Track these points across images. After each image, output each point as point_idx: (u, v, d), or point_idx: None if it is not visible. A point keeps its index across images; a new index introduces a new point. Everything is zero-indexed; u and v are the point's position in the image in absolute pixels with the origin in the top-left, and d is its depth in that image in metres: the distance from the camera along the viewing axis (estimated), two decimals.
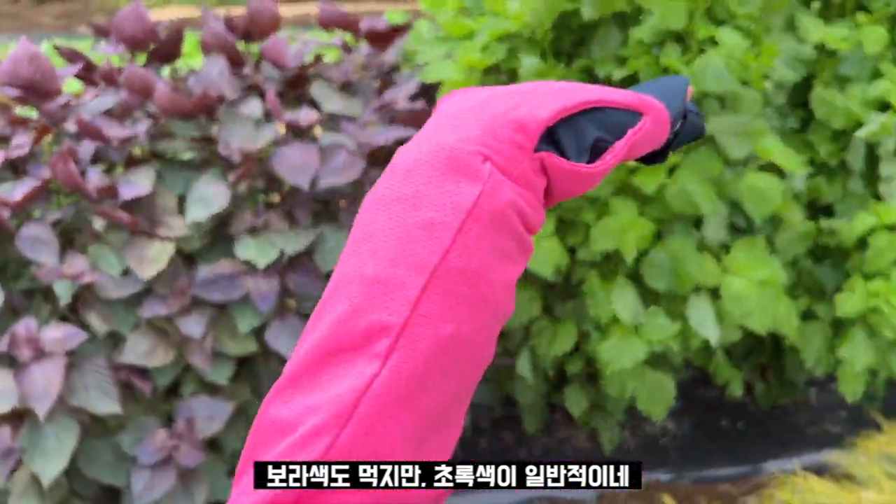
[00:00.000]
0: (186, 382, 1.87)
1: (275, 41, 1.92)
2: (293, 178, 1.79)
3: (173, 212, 1.86)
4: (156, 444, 1.76)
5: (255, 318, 1.81)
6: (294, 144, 1.83)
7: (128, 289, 1.76)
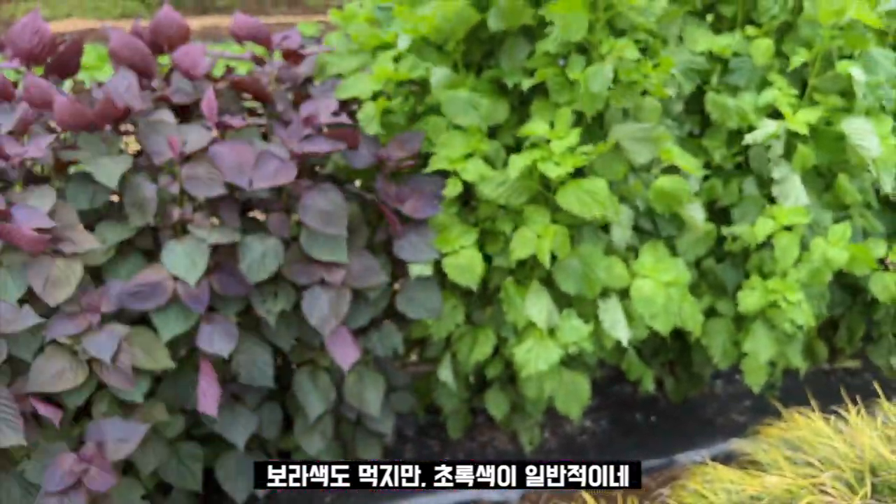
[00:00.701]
0: (99, 402, 1.80)
1: (188, 49, 1.89)
2: (232, 176, 1.79)
3: (75, 227, 1.79)
4: (63, 469, 1.69)
5: (181, 325, 1.78)
6: (228, 143, 1.82)
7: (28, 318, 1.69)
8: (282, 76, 2.10)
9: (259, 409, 2.09)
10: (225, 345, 1.83)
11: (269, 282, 1.92)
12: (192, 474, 2.01)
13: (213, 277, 1.85)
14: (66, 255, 1.74)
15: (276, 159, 1.82)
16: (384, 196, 1.96)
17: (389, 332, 2.10)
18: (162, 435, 1.92)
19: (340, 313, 1.91)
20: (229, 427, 1.99)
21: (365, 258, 1.97)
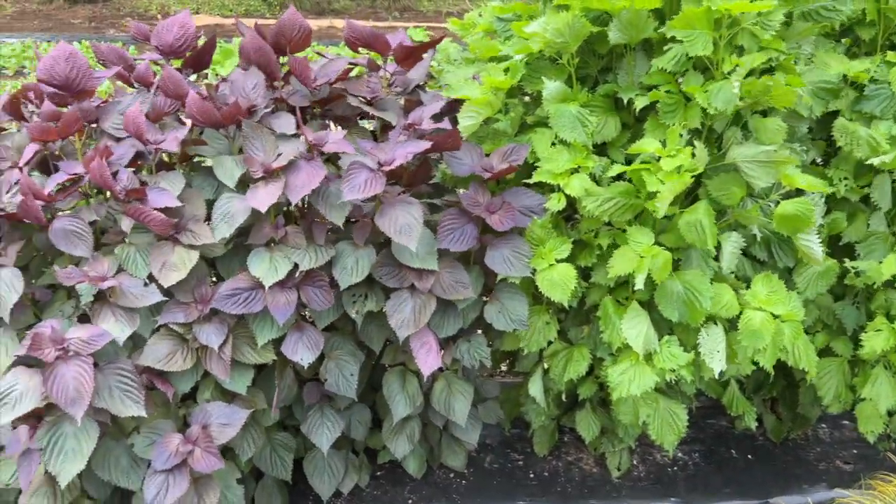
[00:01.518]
0: (204, 388, 1.88)
1: (299, 60, 1.95)
2: (289, 193, 1.80)
3: (200, 219, 1.88)
4: (170, 449, 1.77)
5: (273, 331, 1.83)
6: (309, 164, 1.84)
7: (150, 297, 1.78)
8: (394, 82, 2.14)
9: (349, 410, 2.13)
10: (307, 354, 1.87)
11: (364, 283, 1.95)
12: (284, 464, 2.07)
13: (304, 289, 1.88)
14: (184, 244, 1.83)
15: (365, 170, 1.82)
16: (470, 204, 1.94)
17: (478, 342, 2.09)
18: (260, 423, 1.99)
19: (421, 321, 1.91)
20: (316, 430, 2.04)
21: (456, 271, 1.96)
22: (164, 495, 1.72)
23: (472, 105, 1.95)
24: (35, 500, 1.79)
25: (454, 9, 13.52)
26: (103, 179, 1.76)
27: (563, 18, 1.91)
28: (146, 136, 1.86)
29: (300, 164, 1.84)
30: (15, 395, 1.67)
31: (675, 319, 1.93)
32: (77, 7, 12.51)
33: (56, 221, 1.78)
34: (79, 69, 1.91)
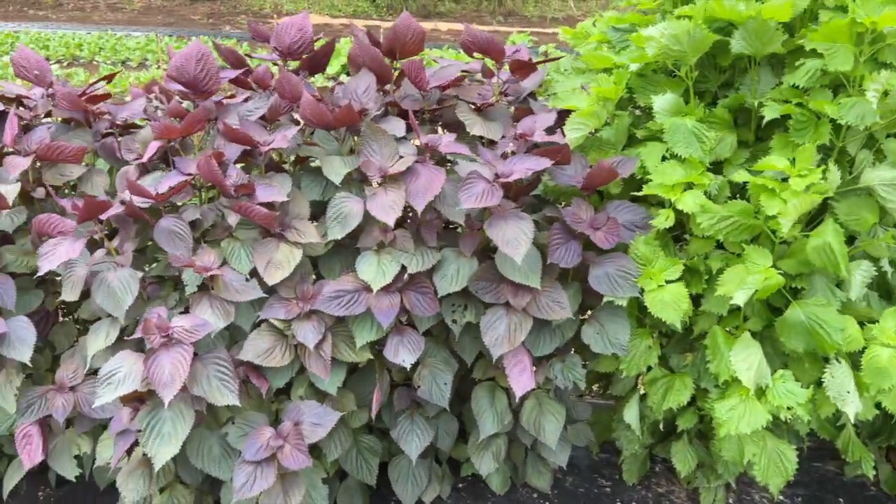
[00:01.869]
0: (298, 385, 1.90)
1: (415, 63, 1.94)
2: (412, 200, 1.79)
3: (304, 218, 1.90)
4: (261, 442, 1.79)
5: (373, 333, 1.83)
6: (425, 167, 1.83)
7: (251, 292, 1.81)
8: (506, 90, 2.10)
9: (437, 419, 2.11)
10: (409, 356, 1.85)
11: (462, 294, 1.92)
12: (369, 468, 2.06)
13: (407, 294, 1.87)
14: (289, 242, 1.85)
15: (483, 181, 1.78)
16: (573, 220, 1.87)
17: (573, 363, 2.02)
18: (348, 424, 1.99)
19: (516, 339, 1.86)
20: (405, 436, 2.02)
21: (554, 289, 1.89)
22: (250, 486, 1.75)
23: (580, 117, 1.89)
24: (132, 480, 1.86)
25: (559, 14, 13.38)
26: (215, 178, 1.80)
27: (682, 25, 1.82)
28: (255, 140, 1.90)
29: (417, 168, 1.83)
30: (119, 376, 1.73)
31: (802, 350, 1.79)
32: (197, 4, 13.15)
33: (162, 220, 1.84)
34: (208, 70, 1.96)
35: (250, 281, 1.84)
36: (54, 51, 9.15)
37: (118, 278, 1.82)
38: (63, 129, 2.15)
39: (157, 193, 1.83)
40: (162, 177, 1.92)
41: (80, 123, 2.16)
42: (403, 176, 1.82)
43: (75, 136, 2.13)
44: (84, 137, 2.14)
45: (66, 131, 2.15)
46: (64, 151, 1.98)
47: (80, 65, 8.97)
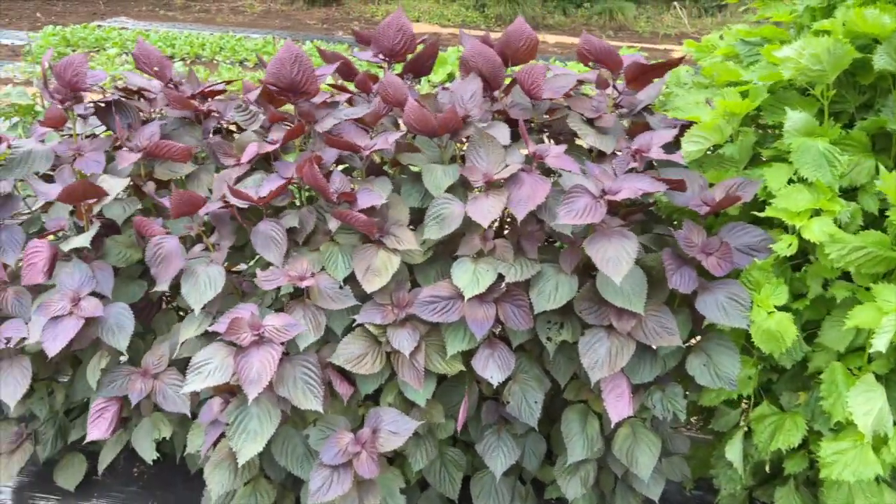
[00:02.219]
0: (387, 392, 1.87)
1: (531, 69, 1.88)
2: (514, 207, 1.74)
3: (403, 224, 1.88)
4: (339, 447, 1.78)
5: (465, 343, 1.78)
6: (530, 176, 1.77)
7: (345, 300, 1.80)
8: (620, 101, 2.01)
9: (524, 437, 2.03)
10: (497, 373, 1.79)
11: (560, 311, 1.84)
12: (452, 481, 2.01)
13: (502, 305, 1.81)
14: (387, 249, 1.83)
15: (586, 196, 1.70)
16: (685, 244, 1.75)
17: (674, 394, 1.90)
18: (434, 435, 1.95)
19: (616, 364, 1.76)
20: (491, 452, 1.96)
21: (663, 315, 1.78)
22: (326, 490, 1.73)
23: (700, 130, 1.78)
24: (218, 471, 1.88)
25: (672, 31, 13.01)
26: (318, 185, 1.80)
27: (822, 44, 1.68)
28: (356, 145, 1.89)
29: (522, 176, 1.77)
30: (209, 367, 1.76)
31: None
32: (314, 9, 13.60)
33: (260, 224, 1.86)
34: (303, 72, 1.97)
35: (344, 289, 1.83)
36: (179, 49, 9.66)
37: (206, 273, 1.85)
38: (176, 125, 2.22)
39: (258, 197, 1.84)
40: (262, 179, 1.94)
41: (191, 121, 2.22)
42: (507, 183, 1.77)
43: (186, 133, 2.20)
44: (194, 134, 2.20)
45: (179, 126, 2.22)
46: (171, 150, 2.04)
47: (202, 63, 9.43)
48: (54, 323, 1.87)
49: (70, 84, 2.08)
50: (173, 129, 2.22)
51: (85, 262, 1.98)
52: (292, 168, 1.93)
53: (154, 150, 2.05)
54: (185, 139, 2.21)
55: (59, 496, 2.33)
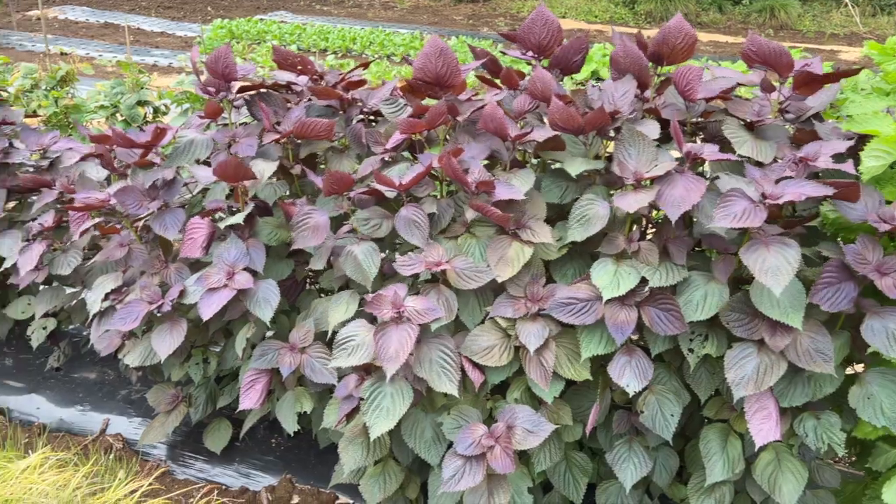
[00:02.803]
0: (514, 388, 1.87)
1: (688, 70, 1.80)
2: (667, 208, 1.67)
3: (540, 219, 1.86)
4: (474, 439, 1.79)
5: (601, 347, 1.74)
6: (684, 177, 1.70)
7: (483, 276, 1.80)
8: (786, 107, 1.88)
9: (657, 451, 1.96)
10: (634, 381, 1.73)
11: (705, 322, 1.76)
12: (577, 486, 1.98)
13: (646, 309, 1.75)
14: (521, 241, 1.82)
15: (744, 200, 1.61)
16: (856, 260, 1.61)
17: (830, 424, 1.75)
18: (560, 437, 1.92)
19: (764, 383, 1.65)
20: (621, 463, 1.90)
21: (819, 336, 1.65)
22: (458, 479, 1.75)
23: (881, 143, 1.63)
24: (352, 447, 1.95)
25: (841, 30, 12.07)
26: (456, 175, 1.82)
27: None
28: (507, 132, 1.89)
29: (675, 176, 1.70)
30: (353, 344, 1.82)
31: None
32: (461, 5, 13.77)
33: (403, 209, 1.90)
34: (448, 65, 2.00)
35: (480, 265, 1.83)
36: (332, 43, 10.09)
37: (362, 251, 1.91)
38: (321, 111, 2.32)
39: (401, 183, 1.89)
40: (406, 168, 1.99)
41: (336, 110, 2.31)
42: (658, 183, 1.71)
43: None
44: (338, 123, 2.29)
45: (323, 114, 2.31)
46: (315, 127, 2.12)
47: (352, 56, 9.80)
48: (210, 293, 2.01)
49: (222, 75, 2.21)
50: (318, 115, 2.32)
51: (241, 240, 2.11)
52: (433, 158, 1.96)
53: (300, 129, 2.14)
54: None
55: (205, 457, 2.51)
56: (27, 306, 2.74)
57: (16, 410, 2.73)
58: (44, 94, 4.63)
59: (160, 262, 2.27)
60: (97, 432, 2.62)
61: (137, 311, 2.16)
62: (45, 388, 2.83)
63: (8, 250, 2.56)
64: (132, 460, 2.47)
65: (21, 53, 9.41)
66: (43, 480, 1.72)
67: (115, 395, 2.80)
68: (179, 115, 4.48)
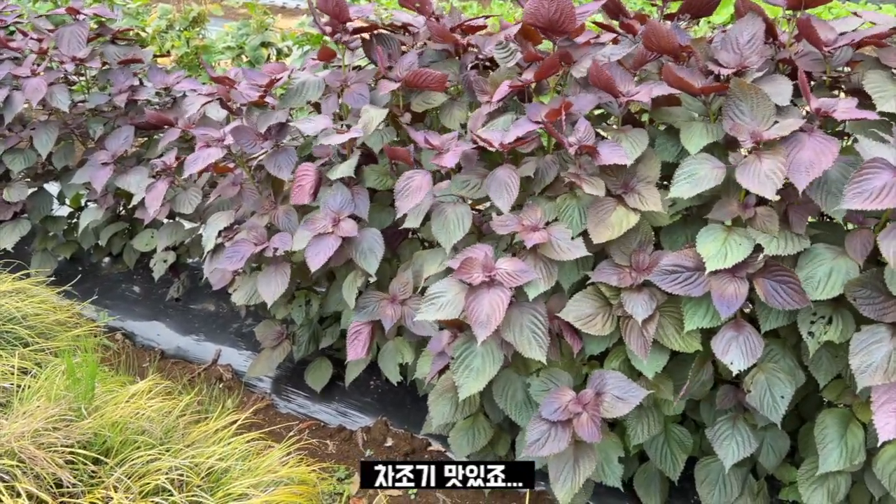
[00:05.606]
0: (613, 357, 1.78)
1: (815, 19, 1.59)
2: (792, 174, 1.49)
3: (651, 182, 1.73)
4: (560, 404, 1.73)
5: (706, 320, 1.61)
6: (812, 138, 1.51)
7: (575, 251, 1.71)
8: None
9: (764, 430, 1.83)
10: (741, 359, 1.60)
11: (828, 302, 1.59)
12: (675, 461, 1.89)
13: (759, 281, 1.60)
14: (627, 207, 1.70)
15: (887, 172, 1.39)
16: None
17: None
18: (660, 409, 1.83)
19: (894, 373, 1.47)
20: (722, 441, 1.78)
21: None
22: (542, 444, 1.70)
23: None
24: (441, 401, 1.94)
25: None
26: (555, 135, 1.71)
27: None
28: (617, 89, 1.76)
29: (801, 137, 1.52)
30: (442, 300, 1.78)
31: None
32: None
33: (498, 169, 1.82)
34: (562, 11, 1.87)
35: (576, 240, 1.74)
36: None
37: (455, 212, 1.86)
38: (434, 57, 2.25)
39: (501, 143, 1.80)
40: (512, 120, 1.89)
41: (451, 54, 2.23)
42: (782, 144, 1.53)
43: (443, 67, 2.21)
44: (451, 68, 2.21)
45: (436, 59, 2.24)
46: (427, 78, 2.08)
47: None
48: (317, 240, 2.04)
49: (334, 15, 2.17)
50: (431, 61, 2.25)
51: (347, 187, 2.12)
52: (543, 111, 1.85)
53: (412, 78, 2.09)
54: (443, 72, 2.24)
55: (307, 394, 2.60)
56: (150, 238, 2.90)
57: (140, 335, 2.93)
58: (177, 34, 4.84)
59: (270, 202, 2.32)
60: (209, 361, 2.77)
61: (243, 251, 2.22)
62: (165, 317, 3.01)
63: (136, 186, 2.70)
64: (238, 390, 2.59)
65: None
66: (149, 406, 1.82)
67: (228, 327, 2.94)
68: (300, 57, 4.55)
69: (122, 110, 2.96)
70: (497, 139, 1.82)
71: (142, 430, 1.73)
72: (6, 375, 1.90)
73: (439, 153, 1.89)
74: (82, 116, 3.05)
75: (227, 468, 1.70)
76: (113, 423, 1.70)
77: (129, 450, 1.67)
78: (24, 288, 2.29)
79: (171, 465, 1.63)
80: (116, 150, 2.79)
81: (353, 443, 2.42)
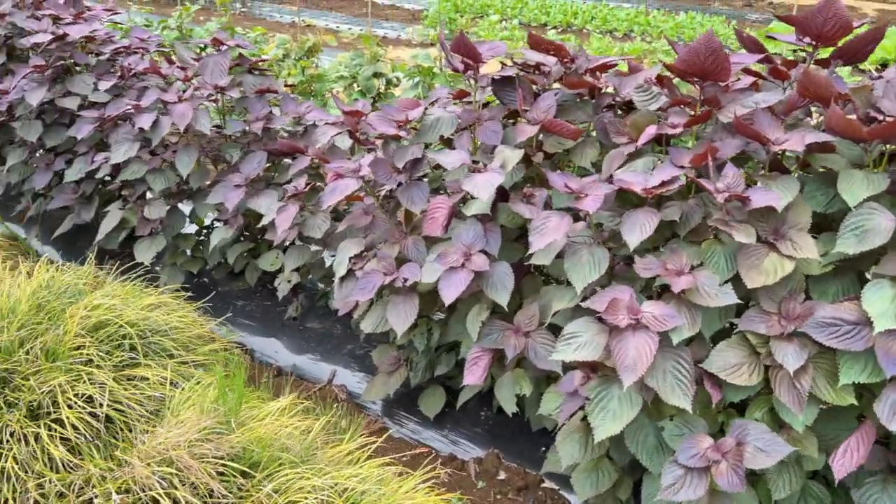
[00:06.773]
0: (756, 406, 1.75)
1: None
2: None
3: (803, 228, 1.70)
4: (698, 450, 1.71)
5: (864, 375, 1.57)
6: None
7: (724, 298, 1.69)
8: None
9: None
10: None
11: None
12: None
13: None
14: (781, 254, 1.68)
15: None
16: None
17: None
18: (801, 466, 1.78)
19: None
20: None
21: None
22: (677, 489, 1.68)
23: None
24: (569, 442, 1.94)
25: None
26: (701, 185, 1.71)
27: None
28: (765, 136, 1.74)
29: None
30: (580, 340, 1.80)
31: None
32: None
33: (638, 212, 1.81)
34: (718, 63, 1.88)
35: (724, 286, 1.72)
36: (553, 17, 9.99)
37: (591, 254, 1.88)
38: (569, 97, 2.29)
39: (645, 188, 1.81)
40: (653, 163, 1.90)
41: (582, 95, 2.27)
42: None
43: (578, 108, 2.25)
44: (585, 109, 2.25)
45: (571, 99, 2.28)
46: (563, 129, 2.14)
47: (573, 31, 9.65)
48: (449, 273, 2.09)
49: (468, 56, 2.24)
50: (566, 101, 2.29)
51: (479, 222, 2.16)
52: (687, 156, 1.86)
53: (548, 125, 2.14)
54: (577, 114, 2.27)
55: (417, 420, 2.64)
56: (275, 259, 3.03)
57: (258, 351, 3.05)
58: (293, 63, 5.06)
59: (400, 232, 2.40)
60: (324, 381, 2.85)
61: (375, 281, 2.29)
62: (283, 335, 3.12)
63: (266, 208, 2.84)
64: (357, 413, 2.66)
65: (270, 23, 10.33)
66: (289, 424, 1.90)
67: (342, 348, 3.03)
68: (410, 88, 4.69)
69: (257, 136, 3.12)
70: (640, 183, 1.83)
71: (285, 447, 1.81)
72: (157, 385, 2.02)
73: (578, 197, 1.91)
74: (216, 140, 3.23)
75: (364, 491, 1.75)
76: (259, 437, 1.78)
77: (274, 466, 1.75)
78: (166, 301, 2.42)
79: (315, 484, 1.69)
80: (249, 173, 2.95)
81: (466, 473, 2.44)
